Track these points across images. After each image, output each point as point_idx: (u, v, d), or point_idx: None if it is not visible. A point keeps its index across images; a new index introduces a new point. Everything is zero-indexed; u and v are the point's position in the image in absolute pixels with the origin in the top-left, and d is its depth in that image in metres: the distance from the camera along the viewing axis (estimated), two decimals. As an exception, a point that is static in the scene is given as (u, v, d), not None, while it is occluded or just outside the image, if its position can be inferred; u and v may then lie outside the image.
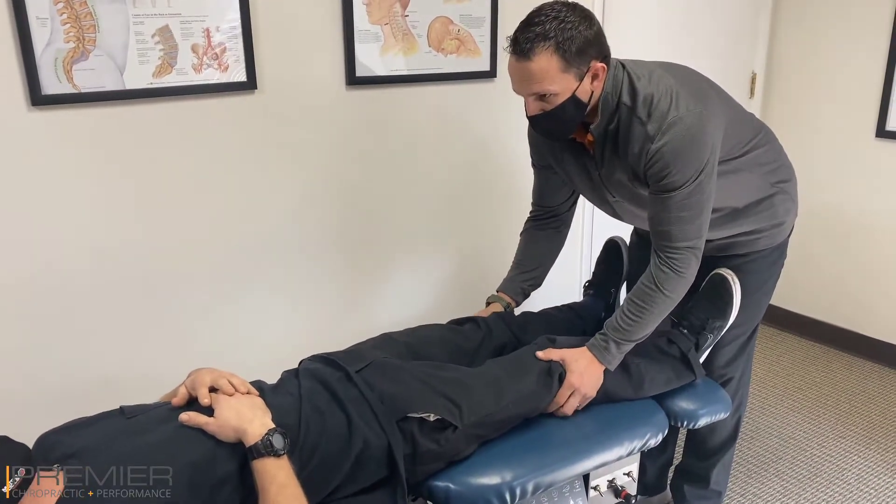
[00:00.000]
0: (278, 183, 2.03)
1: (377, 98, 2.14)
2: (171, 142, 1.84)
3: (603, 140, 1.53)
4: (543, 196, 1.87)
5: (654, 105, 1.44)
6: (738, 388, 1.94)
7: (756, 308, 1.82)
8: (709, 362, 1.83)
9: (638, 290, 1.58)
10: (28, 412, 1.51)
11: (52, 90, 1.65)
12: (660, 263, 1.54)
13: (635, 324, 1.56)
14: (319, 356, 1.53)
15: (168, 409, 1.29)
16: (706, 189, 1.48)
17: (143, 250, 1.86)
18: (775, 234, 1.76)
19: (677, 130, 1.42)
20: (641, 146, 1.47)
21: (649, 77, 1.47)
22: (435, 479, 1.42)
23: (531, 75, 1.40)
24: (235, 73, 1.87)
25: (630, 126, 1.48)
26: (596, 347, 1.59)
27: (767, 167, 1.69)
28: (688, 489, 2.06)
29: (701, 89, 1.52)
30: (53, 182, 1.70)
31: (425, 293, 2.44)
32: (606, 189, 1.65)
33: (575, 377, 1.55)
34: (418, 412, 1.38)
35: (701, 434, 1.98)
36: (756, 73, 3.20)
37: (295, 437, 1.26)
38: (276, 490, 1.14)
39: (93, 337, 1.84)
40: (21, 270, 1.70)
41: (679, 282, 1.54)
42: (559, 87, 1.41)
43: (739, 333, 1.83)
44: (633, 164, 1.50)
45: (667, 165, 1.44)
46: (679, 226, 1.50)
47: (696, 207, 1.48)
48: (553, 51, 1.37)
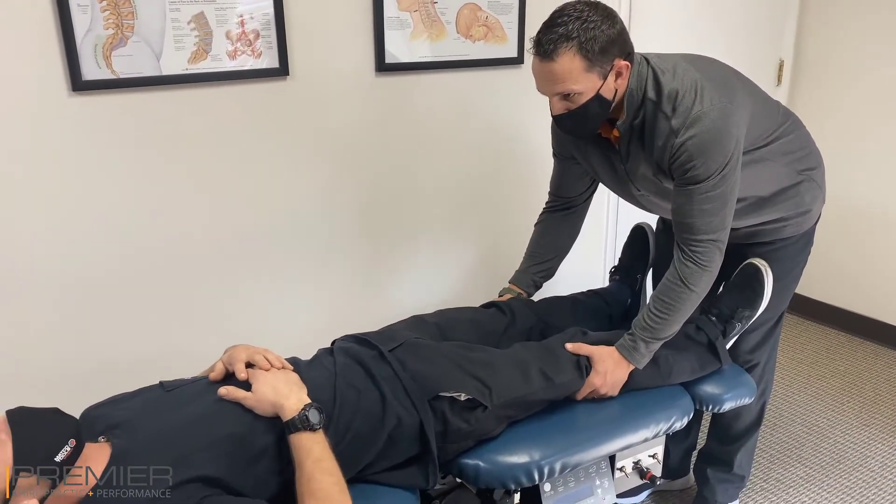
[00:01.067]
0: (308, 168, 2.06)
1: (405, 84, 2.16)
2: (205, 126, 1.87)
3: (628, 135, 1.54)
4: (562, 187, 1.88)
5: (679, 100, 1.45)
6: (763, 373, 1.95)
7: (782, 295, 1.82)
8: (734, 348, 1.84)
9: (663, 287, 1.59)
10: (68, 391, 1.56)
11: (92, 76, 1.70)
12: (683, 258, 1.55)
13: (663, 321, 1.57)
14: (352, 336, 1.57)
15: (206, 384, 1.34)
16: (730, 181, 1.48)
17: (176, 232, 1.90)
18: (802, 222, 1.76)
19: (702, 125, 1.43)
20: (666, 140, 1.47)
21: (674, 71, 1.48)
22: (464, 456, 1.46)
23: (555, 76, 1.42)
24: (268, 59, 1.91)
25: (655, 121, 1.49)
26: (625, 348, 1.60)
27: (794, 155, 1.68)
28: (711, 473, 2.08)
29: (725, 82, 1.52)
30: (92, 165, 1.75)
31: (451, 278, 2.47)
32: (632, 183, 1.66)
33: (598, 378, 1.58)
34: (449, 391, 1.41)
35: (726, 419, 2.00)
36: (784, 60, 3.18)
37: (329, 413, 1.30)
38: (312, 463, 1.18)
39: (129, 316, 1.89)
40: (59, 251, 1.76)
41: (703, 276, 1.55)
42: (583, 87, 1.42)
43: (765, 320, 1.83)
44: (658, 159, 1.51)
45: (691, 159, 1.45)
46: (702, 218, 1.50)
47: (719, 200, 1.49)
48: (576, 51, 1.38)
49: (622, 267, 2.06)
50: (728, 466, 2.06)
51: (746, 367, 1.89)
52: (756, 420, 2.01)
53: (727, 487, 2.09)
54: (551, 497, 1.57)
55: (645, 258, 2.01)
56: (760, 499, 2.24)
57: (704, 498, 2.10)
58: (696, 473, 2.15)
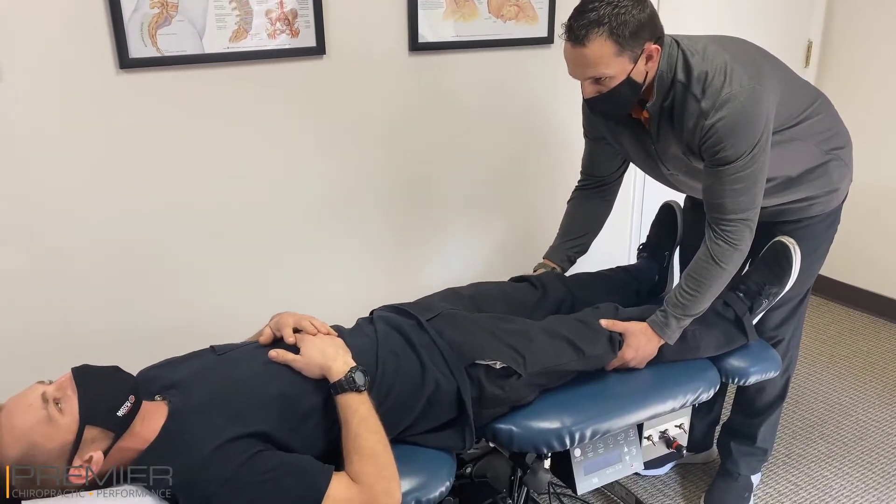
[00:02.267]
0: (344, 144, 2.11)
1: (437, 64, 2.20)
2: (245, 104, 1.93)
3: (658, 116, 1.57)
4: (593, 166, 1.92)
5: (709, 82, 1.47)
6: (788, 349, 1.98)
7: (808, 272, 1.84)
8: (760, 324, 1.88)
9: (694, 265, 1.62)
10: (122, 353, 1.63)
11: (139, 54, 1.75)
12: (714, 237, 1.58)
13: (693, 298, 1.61)
14: (391, 306, 1.63)
15: (255, 348, 1.40)
16: (759, 162, 1.51)
17: (219, 205, 1.97)
18: (830, 200, 1.78)
19: (731, 107, 1.45)
20: (696, 122, 1.50)
21: (703, 53, 1.50)
22: (498, 422, 1.51)
23: (586, 61, 1.45)
24: (306, 38, 1.95)
25: (685, 102, 1.51)
26: (656, 324, 1.65)
27: (823, 135, 1.70)
28: (735, 446, 2.12)
29: (755, 63, 1.54)
30: (139, 139, 1.81)
31: (483, 253, 2.52)
32: (662, 163, 1.70)
33: (629, 352, 1.63)
34: (485, 359, 1.47)
35: (750, 393, 2.04)
36: (812, 41, 3.17)
37: (372, 376, 1.35)
38: (358, 422, 1.24)
39: (178, 285, 1.97)
40: (110, 223, 1.83)
41: (734, 254, 1.58)
42: (614, 71, 1.45)
43: (791, 296, 1.86)
44: (688, 139, 1.54)
45: (721, 140, 1.47)
46: (732, 198, 1.53)
47: (749, 180, 1.51)
48: (607, 36, 1.41)
49: (650, 244, 2.10)
50: (751, 440, 2.10)
51: (772, 342, 1.92)
52: (780, 394, 2.05)
53: (750, 460, 2.13)
54: (581, 462, 1.62)
55: (673, 236, 2.04)
56: (783, 472, 2.29)
57: (728, 470, 2.14)
58: (719, 446, 2.20)
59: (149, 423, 1.21)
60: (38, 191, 1.72)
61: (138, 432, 1.20)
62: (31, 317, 1.80)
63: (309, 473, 1.19)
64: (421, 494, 1.33)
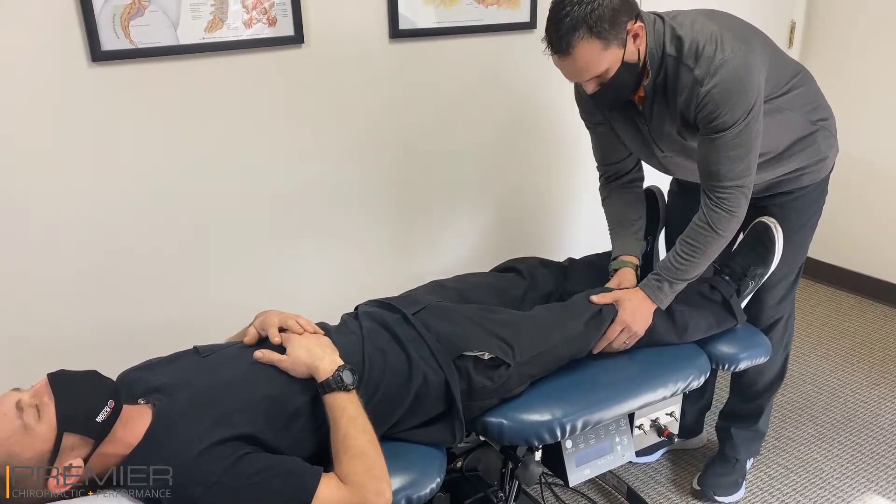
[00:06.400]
0: (325, 134, 2.08)
1: (419, 50, 2.16)
2: (223, 95, 1.88)
3: (651, 94, 1.56)
4: (605, 155, 1.86)
5: (700, 50, 1.47)
6: (787, 327, 1.99)
7: (802, 245, 1.86)
8: (759, 304, 1.89)
9: (691, 231, 1.62)
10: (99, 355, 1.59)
11: (111, 46, 1.70)
12: (711, 204, 1.58)
13: (688, 263, 1.62)
14: (376, 301, 1.60)
15: (240, 348, 1.38)
16: (754, 128, 1.51)
17: (196, 200, 1.92)
18: (819, 170, 1.78)
19: (725, 72, 1.45)
20: (690, 91, 1.49)
21: (692, 25, 1.50)
22: (488, 415, 1.50)
23: (578, 67, 1.45)
24: (283, 27, 1.91)
25: (678, 74, 1.51)
26: (649, 287, 1.65)
27: (808, 106, 1.70)
28: (735, 430, 2.11)
29: (743, 32, 1.54)
30: (112, 134, 1.76)
31: (468, 241, 2.50)
32: (656, 144, 1.68)
33: (627, 314, 1.61)
34: (473, 351, 1.45)
35: (750, 375, 2.03)
36: (795, 22, 3.16)
37: (360, 374, 1.33)
38: (347, 422, 1.22)
39: (154, 283, 1.92)
40: (81, 219, 1.78)
41: (731, 220, 1.58)
42: (608, 64, 1.45)
43: (787, 273, 1.87)
44: (683, 111, 1.53)
45: (716, 107, 1.47)
46: (728, 165, 1.53)
47: (744, 146, 1.51)
48: (589, 36, 1.39)
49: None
50: (753, 421, 2.10)
51: (772, 321, 1.93)
52: (780, 373, 2.06)
53: (750, 444, 2.13)
54: (572, 454, 1.61)
55: (655, 221, 2.02)
56: (773, 455, 2.29)
57: (725, 455, 2.13)
58: (718, 432, 2.18)
59: (131, 427, 1.18)
60: (10, 189, 1.67)
61: (120, 437, 1.17)
62: (4, 319, 1.75)
63: (297, 475, 1.17)
64: (412, 492, 1.32)
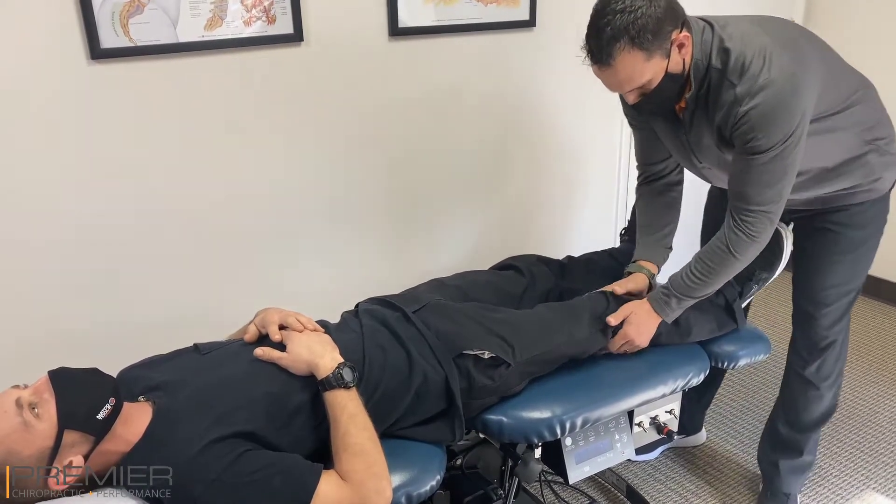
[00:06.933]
0: (324, 132, 2.07)
1: (419, 49, 2.16)
2: (223, 93, 1.88)
3: (693, 105, 1.49)
4: (645, 154, 1.80)
5: (746, 66, 1.38)
6: (841, 354, 1.85)
7: (859, 265, 1.74)
8: (813, 324, 1.80)
9: (709, 250, 1.57)
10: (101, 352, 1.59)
11: (110, 44, 1.70)
12: (734, 225, 1.51)
13: (701, 282, 1.57)
14: (376, 298, 1.60)
15: (240, 346, 1.38)
16: (791, 154, 1.42)
17: (196, 197, 1.92)
18: (874, 189, 1.66)
19: (768, 93, 1.37)
20: (729, 108, 1.41)
21: (742, 36, 1.41)
22: (488, 412, 1.50)
23: (619, 78, 1.38)
24: (283, 25, 1.91)
25: (720, 89, 1.43)
26: (656, 301, 1.62)
27: (864, 125, 1.59)
28: (784, 463, 2.00)
29: (797, 47, 1.45)
30: (112, 132, 1.76)
31: (468, 238, 2.50)
32: (694, 154, 1.62)
33: (632, 328, 1.60)
34: (474, 350, 1.45)
35: (798, 407, 1.92)
36: (794, 19, 3.15)
37: (360, 371, 1.33)
38: (347, 419, 1.22)
39: (157, 280, 1.92)
40: (79, 217, 1.78)
41: (751, 246, 1.52)
42: (651, 74, 1.38)
43: (844, 293, 1.75)
44: (721, 126, 1.46)
45: (753, 129, 1.39)
46: (757, 188, 1.45)
47: (778, 172, 1.43)
48: (631, 46, 1.32)
49: (632, 228, 2.08)
50: (798, 453, 1.98)
51: (825, 344, 1.82)
52: (830, 408, 1.93)
53: (799, 476, 2.02)
54: (572, 451, 1.61)
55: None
56: (772, 453, 2.29)
57: (775, 491, 2.03)
58: (763, 466, 2.07)
59: (132, 424, 1.18)
60: (8, 186, 1.67)
61: (120, 434, 1.16)
62: (4, 317, 1.75)
63: (297, 473, 1.16)
64: (412, 489, 1.32)
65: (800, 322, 1.84)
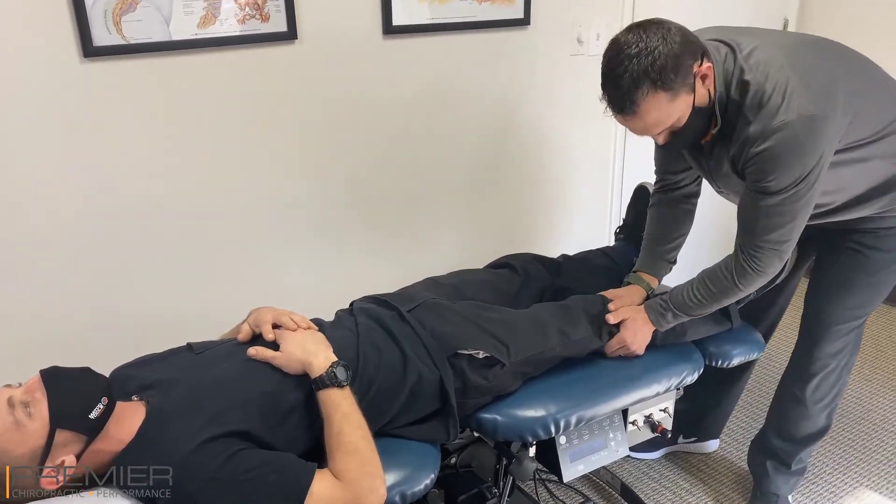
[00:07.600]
0: (319, 131, 2.07)
1: (413, 47, 2.16)
2: (216, 91, 1.87)
3: (716, 134, 1.44)
4: (664, 163, 1.74)
5: (764, 103, 1.32)
6: (839, 379, 1.81)
7: (878, 289, 1.68)
8: (813, 347, 1.77)
9: (713, 275, 1.55)
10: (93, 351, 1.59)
11: (103, 42, 1.69)
12: (741, 257, 1.48)
13: (700, 304, 1.57)
14: (371, 297, 1.60)
15: (234, 345, 1.37)
16: (804, 196, 1.36)
17: (189, 196, 1.91)
18: None
19: (781, 136, 1.30)
20: (743, 145, 1.36)
21: (764, 67, 1.33)
22: (483, 411, 1.50)
23: (646, 124, 1.33)
24: (276, 23, 1.90)
25: (736, 123, 1.37)
26: (653, 311, 1.63)
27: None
28: (772, 465, 1.98)
29: (828, 79, 1.36)
30: (105, 130, 1.75)
31: (463, 237, 2.49)
32: (714, 180, 1.59)
33: (628, 334, 1.61)
34: (468, 349, 1.45)
35: (792, 418, 1.89)
36: (788, 19, 3.17)
37: (354, 370, 1.33)
38: (341, 418, 1.22)
39: (149, 280, 1.91)
40: (72, 215, 1.77)
41: (756, 279, 1.49)
42: (679, 113, 1.32)
43: (855, 315, 1.71)
44: (735, 159, 1.42)
45: (764, 171, 1.34)
46: (766, 227, 1.42)
47: (788, 214, 1.39)
48: (653, 89, 1.26)
49: (626, 226, 2.09)
50: (787, 465, 1.96)
51: (824, 370, 1.78)
52: (822, 428, 1.90)
53: (789, 478, 1.99)
54: (566, 449, 1.61)
55: None
56: (765, 451, 2.30)
57: (765, 493, 2.02)
58: (752, 467, 2.06)
59: (124, 424, 1.18)
60: (1, 185, 1.66)
61: (113, 434, 1.16)
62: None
63: (291, 471, 1.16)
64: (406, 488, 1.32)
65: (803, 341, 1.83)
